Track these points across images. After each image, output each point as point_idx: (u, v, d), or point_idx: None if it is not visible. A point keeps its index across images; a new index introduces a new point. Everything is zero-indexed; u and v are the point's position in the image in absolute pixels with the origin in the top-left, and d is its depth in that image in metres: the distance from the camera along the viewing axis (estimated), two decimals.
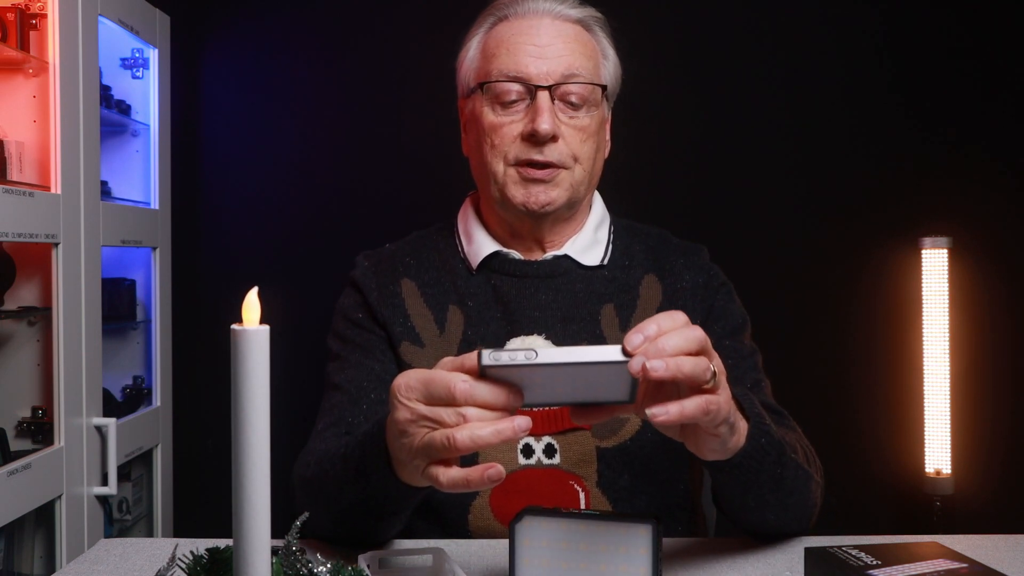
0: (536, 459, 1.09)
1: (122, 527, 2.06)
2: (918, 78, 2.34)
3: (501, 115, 1.11)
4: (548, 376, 0.72)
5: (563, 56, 1.10)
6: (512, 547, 0.83)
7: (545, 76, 1.09)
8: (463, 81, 1.19)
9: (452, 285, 1.17)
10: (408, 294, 1.17)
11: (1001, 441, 2.32)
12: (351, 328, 1.17)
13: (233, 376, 0.53)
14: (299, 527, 0.68)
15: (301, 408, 1.63)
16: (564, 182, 1.11)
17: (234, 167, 2.40)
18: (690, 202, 2.34)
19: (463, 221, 1.22)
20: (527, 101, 1.10)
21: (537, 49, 1.10)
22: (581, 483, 1.09)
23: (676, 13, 2.36)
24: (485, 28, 1.16)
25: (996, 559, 0.95)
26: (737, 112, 2.36)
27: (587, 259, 1.17)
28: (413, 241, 1.24)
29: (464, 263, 1.19)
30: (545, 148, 1.09)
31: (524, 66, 1.09)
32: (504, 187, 1.11)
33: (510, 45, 1.11)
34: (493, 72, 1.11)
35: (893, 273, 2.35)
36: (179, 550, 0.75)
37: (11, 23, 1.70)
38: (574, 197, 1.13)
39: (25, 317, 1.81)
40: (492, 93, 1.11)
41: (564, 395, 0.76)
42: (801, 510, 1.00)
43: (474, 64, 1.16)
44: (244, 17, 2.40)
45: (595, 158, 1.14)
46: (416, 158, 2.36)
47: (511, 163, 1.11)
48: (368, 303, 1.17)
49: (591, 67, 1.12)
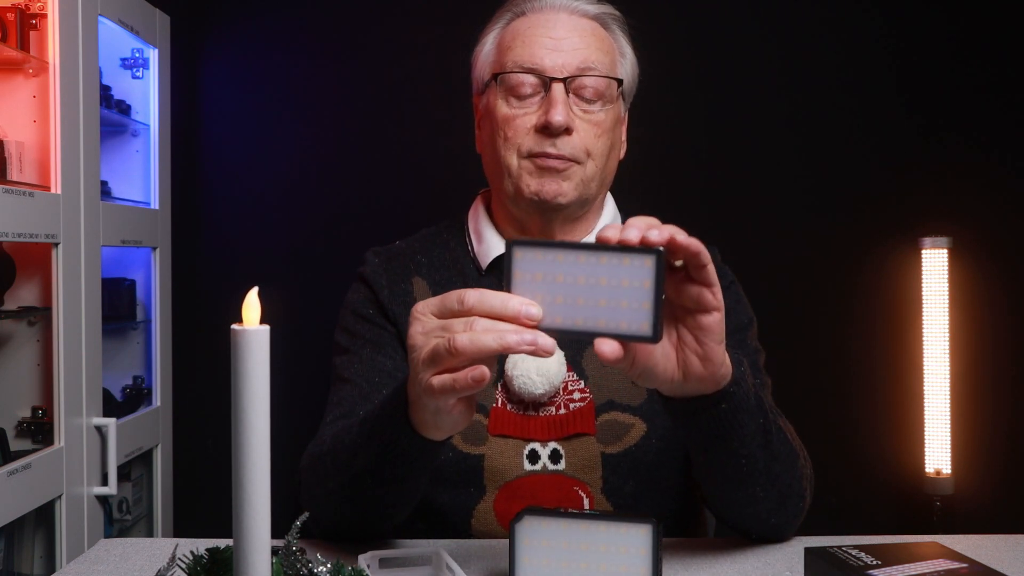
0: (541, 465, 1.09)
1: (122, 527, 2.06)
2: (919, 78, 2.34)
3: (515, 107, 1.10)
4: (569, 275, 0.72)
5: (579, 49, 1.09)
6: (512, 547, 0.83)
7: (560, 68, 1.08)
8: (478, 76, 1.18)
9: (463, 285, 1.16)
10: (420, 292, 1.16)
11: (1001, 441, 2.32)
12: (361, 323, 1.16)
13: (233, 376, 0.53)
14: (299, 527, 0.68)
15: (301, 408, 1.63)
16: (575, 176, 1.10)
17: (234, 167, 2.40)
18: (690, 202, 2.34)
19: (474, 220, 1.21)
20: (541, 94, 1.09)
21: (553, 41, 1.09)
22: (586, 489, 1.08)
23: (682, 14, 2.36)
24: (502, 24, 1.16)
25: (996, 559, 0.95)
26: (737, 113, 2.36)
27: None
28: (423, 238, 1.23)
29: (474, 263, 1.18)
30: (558, 141, 1.08)
31: (539, 58, 1.09)
32: (519, 179, 1.10)
33: (526, 38, 1.11)
34: (508, 64, 1.10)
35: (893, 273, 2.35)
36: (179, 550, 0.75)
37: (11, 23, 1.70)
38: (585, 193, 1.11)
39: (25, 317, 1.81)
40: (506, 85, 1.10)
41: (583, 316, 0.73)
42: (787, 490, 0.96)
43: (489, 58, 1.15)
44: (244, 17, 2.40)
45: (608, 155, 1.13)
46: (417, 158, 2.36)
47: (524, 155, 1.09)
48: (379, 300, 1.16)
49: (607, 62, 1.11)
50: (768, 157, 2.36)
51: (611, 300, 0.72)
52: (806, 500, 1.02)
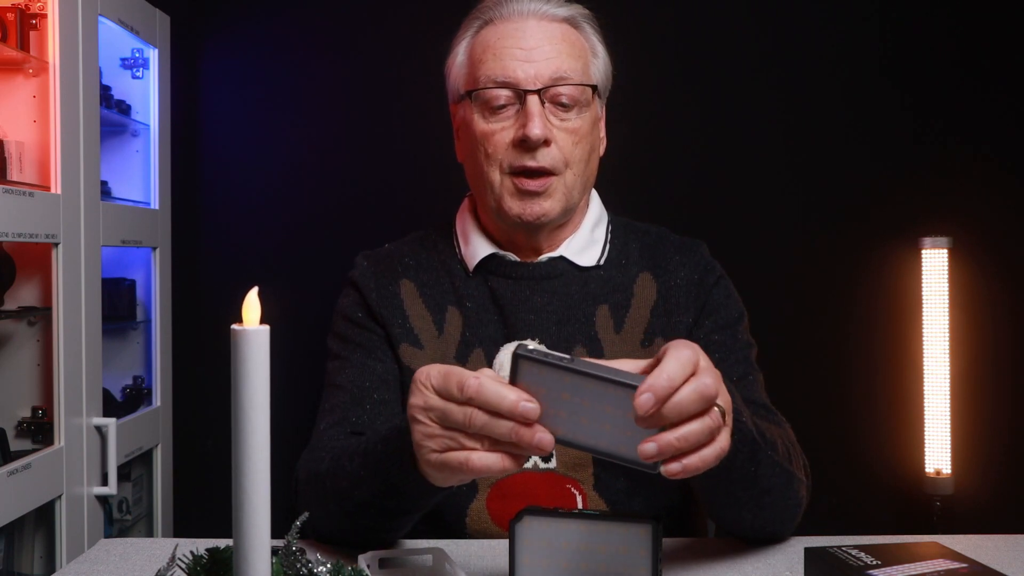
0: (533, 463, 1.09)
1: (122, 527, 2.06)
2: (919, 77, 2.34)
3: (492, 122, 1.10)
4: (573, 391, 0.71)
5: (550, 58, 1.09)
6: (512, 547, 0.83)
7: (533, 80, 1.08)
8: (452, 87, 1.18)
9: (451, 286, 1.17)
10: (407, 295, 1.17)
11: (1001, 441, 2.32)
12: (351, 328, 1.17)
13: (233, 376, 0.53)
14: (299, 527, 0.68)
15: (301, 408, 1.63)
16: (557, 191, 1.10)
17: (234, 167, 2.40)
18: (689, 203, 2.34)
19: (461, 223, 1.22)
20: (516, 106, 1.09)
21: (524, 52, 1.09)
22: (578, 486, 1.09)
23: (676, 6, 2.36)
24: (471, 33, 1.15)
25: (996, 559, 0.95)
26: (737, 112, 2.36)
27: (583, 260, 1.17)
28: (412, 242, 1.24)
29: (461, 265, 1.18)
30: (538, 153, 1.08)
31: (511, 71, 1.08)
32: (500, 199, 1.11)
33: (496, 50, 1.10)
34: (481, 78, 1.10)
35: (893, 273, 2.35)
36: (179, 550, 0.75)
37: (11, 23, 1.70)
38: (568, 204, 1.12)
39: (25, 317, 1.81)
40: (481, 100, 1.10)
41: (584, 433, 0.73)
42: (780, 510, 0.98)
43: (462, 70, 1.15)
44: (244, 17, 2.40)
45: (588, 160, 1.14)
46: (417, 158, 2.36)
47: (506, 171, 1.10)
48: (367, 303, 1.16)
49: (580, 67, 1.11)
50: (768, 157, 2.36)
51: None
52: (801, 508, 1.03)
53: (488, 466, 0.74)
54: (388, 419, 1.11)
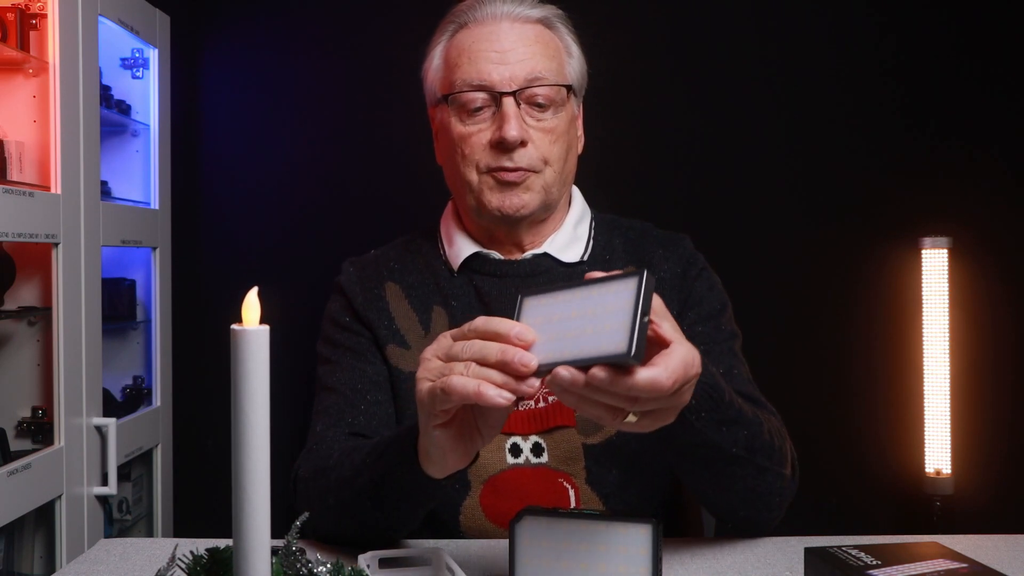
0: (524, 458, 1.10)
1: (122, 527, 2.06)
2: (918, 77, 2.34)
3: (469, 124, 1.11)
4: (565, 312, 0.74)
5: (525, 60, 1.10)
6: (512, 547, 0.83)
7: (508, 82, 1.09)
8: (430, 91, 1.20)
9: (436, 286, 1.18)
10: (392, 297, 1.18)
11: (1001, 441, 2.32)
12: (340, 332, 1.18)
13: (233, 376, 0.53)
14: (299, 527, 0.68)
15: (301, 408, 1.63)
16: (536, 185, 1.11)
17: (234, 167, 2.40)
18: (688, 204, 2.34)
19: (445, 226, 1.23)
20: (493, 108, 1.10)
21: (498, 55, 1.10)
22: (570, 480, 1.09)
23: (686, 8, 2.35)
24: (446, 37, 1.17)
25: (996, 559, 0.95)
26: (737, 112, 2.36)
27: (567, 256, 1.17)
28: (397, 245, 1.26)
29: (446, 265, 1.19)
30: (515, 154, 1.09)
31: (487, 73, 1.09)
32: (480, 194, 1.12)
33: (471, 53, 1.11)
34: (456, 82, 1.11)
35: (893, 273, 2.35)
36: (179, 550, 0.75)
37: (11, 23, 1.70)
38: (547, 200, 1.13)
39: (25, 317, 1.81)
40: (458, 103, 1.12)
41: (571, 347, 0.72)
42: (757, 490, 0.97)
43: (438, 74, 1.16)
44: (244, 17, 2.40)
45: (566, 158, 1.15)
46: (418, 158, 2.34)
47: (483, 171, 1.11)
48: (353, 307, 1.18)
49: (555, 67, 1.12)
50: (769, 157, 2.36)
51: (597, 326, 0.72)
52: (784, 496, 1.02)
53: (463, 387, 0.73)
54: (383, 420, 1.12)
